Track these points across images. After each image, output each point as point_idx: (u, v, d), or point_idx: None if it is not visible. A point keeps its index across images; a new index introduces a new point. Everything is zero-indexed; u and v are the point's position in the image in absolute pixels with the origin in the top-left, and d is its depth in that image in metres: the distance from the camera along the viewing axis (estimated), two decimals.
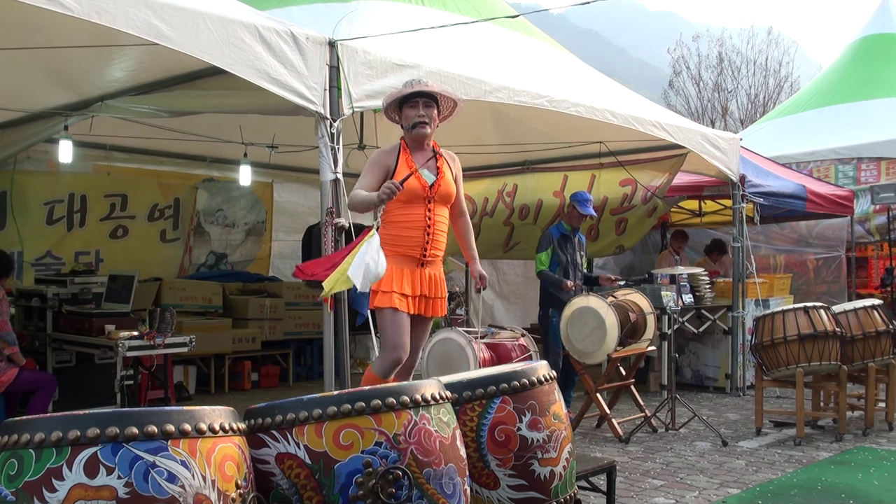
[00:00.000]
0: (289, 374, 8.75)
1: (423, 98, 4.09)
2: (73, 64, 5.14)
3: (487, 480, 2.78)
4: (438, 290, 4.19)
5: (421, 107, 4.07)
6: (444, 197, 4.14)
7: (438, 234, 4.12)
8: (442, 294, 4.21)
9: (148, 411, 2.04)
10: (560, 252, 6.39)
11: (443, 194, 4.12)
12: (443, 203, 4.15)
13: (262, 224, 9.81)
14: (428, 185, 4.06)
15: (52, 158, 7.25)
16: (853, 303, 6.38)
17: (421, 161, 4.10)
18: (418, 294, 4.09)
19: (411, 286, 4.06)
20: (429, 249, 4.08)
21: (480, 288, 4.37)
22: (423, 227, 4.06)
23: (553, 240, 6.42)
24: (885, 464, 5.19)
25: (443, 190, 4.11)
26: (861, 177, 10.59)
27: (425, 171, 4.09)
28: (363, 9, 5.80)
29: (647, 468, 5.04)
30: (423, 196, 4.06)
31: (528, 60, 6.67)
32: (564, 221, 6.53)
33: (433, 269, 4.16)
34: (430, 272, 4.14)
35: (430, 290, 4.14)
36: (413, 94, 4.07)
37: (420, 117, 4.06)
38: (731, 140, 7.95)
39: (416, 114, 4.06)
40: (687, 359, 8.35)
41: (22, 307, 6.72)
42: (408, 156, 4.11)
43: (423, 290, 4.10)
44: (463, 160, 9.40)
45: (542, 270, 6.39)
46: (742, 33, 26.66)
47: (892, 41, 12.05)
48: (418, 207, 4.06)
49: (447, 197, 4.15)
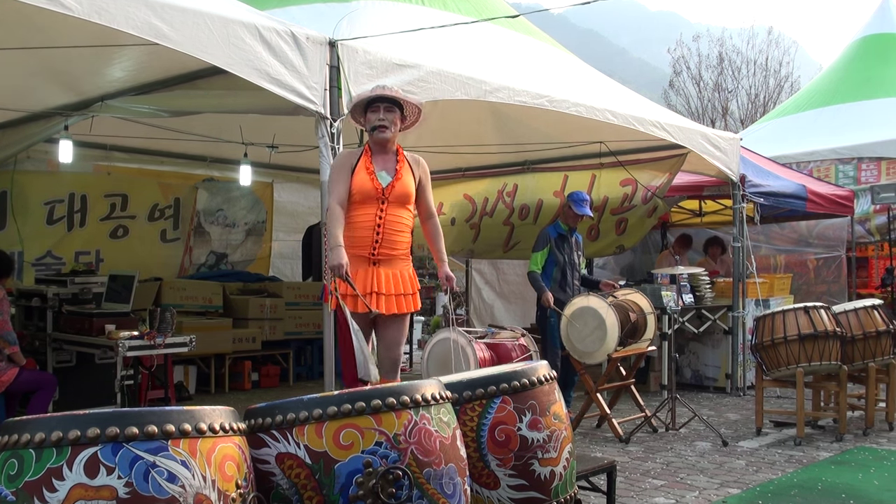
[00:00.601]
0: (289, 374, 8.75)
1: (385, 103, 4.20)
2: (73, 64, 5.14)
3: (487, 480, 2.78)
4: (401, 286, 4.21)
5: (382, 111, 4.19)
6: (399, 198, 4.20)
7: (391, 234, 4.18)
8: (406, 290, 4.23)
9: (148, 411, 2.04)
10: (557, 252, 6.39)
11: (398, 195, 4.19)
12: (399, 204, 4.21)
13: (262, 224, 9.82)
14: (382, 186, 4.15)
15: (53, 158, 7.25)
16: (853, 303, 6.38)
17: (381, 163, 4.21)
18: (370, 292, 4.12)
19: (361, 284, 4.12)
20: (377, 248, 4.15)
21: (447, 289, 4.41)
22: (373, 226, 4.15)
23: (550, 239, 6.41)
24: (885, 464, 5.19)
25: (397, 191, 4.18)
26: (861, 177, 10.59)
27: (382, 173, 4.19)
28: (363, 9, 5.80)
29: (648, 468, 5.04)
30: (376, 197, 4.16)
31: (529, 60, 6.67)
32: (561, 221, 6.52)
33: (390, 268, 4.19)
34: (387, 271, 4.17)
35: (386, 288, 4.15)
36: (375, 99, 4.19)
37: (380, 121, 4.17)
38: (731, 140, 7.95)
39: (377, 118, 4.18)
40: (687, 359, 8.35)
41: (22, 307, 6.72)
42: (368, 158, 4.22)
43: (375, 287, 4.13)
44: (463, 160, 9.45)
45: (532, 272, 6.39)
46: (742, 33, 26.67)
47: (892, 41, 12.05)
48: (371, 207, 4.16)
49: (403, 197, 4.21)
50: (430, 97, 5.32)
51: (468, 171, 9.37)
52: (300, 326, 8.81)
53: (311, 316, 8.72)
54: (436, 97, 5.36)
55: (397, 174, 4.21)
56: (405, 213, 4.26)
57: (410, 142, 8.07)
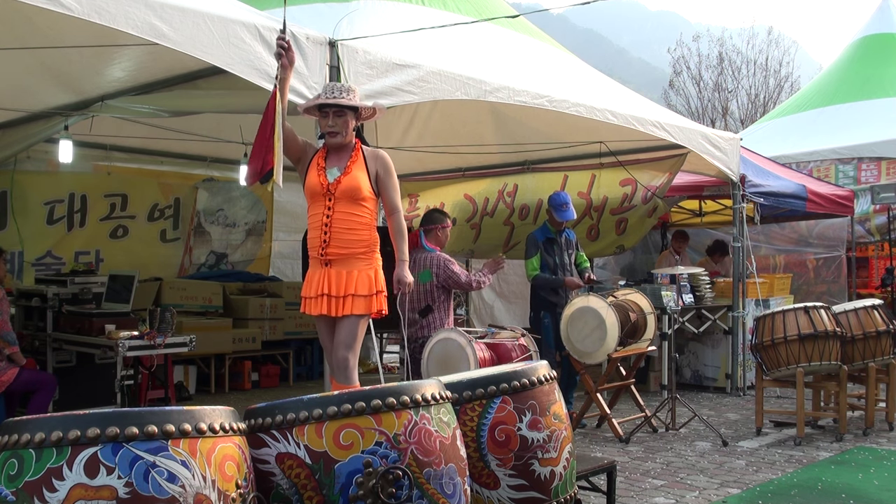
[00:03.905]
0: (289, 374, 8.76)
1: (334, 108, 4.07)
2: (73, 64, 5.14)
3: (487, 480, 2.78)
4: (352, 286, 4.02)
5: (331, 117, 4.05)
6: (346, 193, 4.03)
7: (342, 233, 4.02)
8: (359, 291, 4.02)
9: (148, 411, 2.04)
10: (546, 255, 6.41)
11: (344, 190, 4.02)
12: (348, 200, 4.04)
13: (262, 224, 9.82)
14: (328, 182, 4.05)
15: (53, 158, 7.25)
16: (853, 303, 6.38)
17: (334, 161, 4.12)
18: (320, 294, 4.05)
19: (314, 287, 4.09)
20: (326, 248, 4.02)
21: (396, 293, 4.23)
22: (321, 224, 4.05)
23: (539, 243, 6.43)
24: (885, 464, 5.19)
25: (344, 186, 4.02)
26: (861, 177, 10.59)
27: (333, 170, 4.08)
28: (363, 9, 5.80)
29: (648, 468, 5.04)
30: (322, 193, 4.06)
31: (528, 60, 6.67)
32: (549, 224, 6.53)
33: (343, 268, 4.03)
34: (339, 270, 4.03)
35: (336, 289, 4.03)
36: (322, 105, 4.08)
37: (329, 127, 4.07)
38: (731, 140, 7.95)
39: (327, 124, 4.07)
40: (687, 359, 8.35)
41: (22, 307, 6.72)
42: (322, 156, 4.14)
43: (324, 289, 4.04)
44: (463, 160, 9.43)
45: (535, 275, 6.40)
46: (742, 33, 26.68)
47: (892, 41, 12.05)
48: (318, 206, 4.09)
49: (351, 192, 4.03)
50: (430, 97, 5.33)
51: (468, 170, 9.37)
52: (300, 326, 8.81)
53: (310, 316, 8.69)
54: (436, 97, 5.36)
55: (346, 169, 4.06)
56: (359, 209, 4.06)
57: (411, 141, 8.09)
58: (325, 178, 4.07)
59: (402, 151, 8.22)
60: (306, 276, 4.21)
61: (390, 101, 5.08)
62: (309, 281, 4.15)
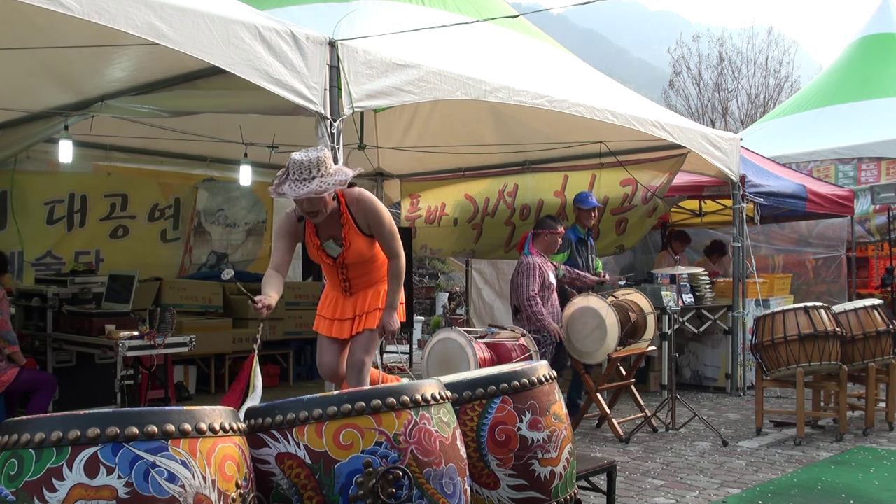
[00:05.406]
0: (289, 374, 8.75)
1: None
2: (73, 64, 5.14)
3: (487, 480, 2.78)
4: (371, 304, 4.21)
5: (305, 203, 3.80)
6: (353, 260, 4.12)
7: (359, 279, 4.21)
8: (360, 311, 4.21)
9: (148, 411, 2.04)
10: (577, 256, 6.47)
11: (351, 259, 4.12)
12: (356, 262, 4.14)
13: (262, 224, 9.81)
14: (333, 257, 4.12)
15: (53, 158, 7.24)
16: (853, 303, 6.38)
17: (325, 231, 4.06)
18: (336, 318, 4.26)
19: (331, 310, 4.29)
20: (349, 291, 4.25)
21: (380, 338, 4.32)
22: (339, 282, 4.25)
23: (571, 242, 6.48)
24: (885, 464, 5.19)
25: (349, 259, 4.11)
26: (861, 177, 10.59)
27: (330, 244, 4.09)
28: (363, 9, 5.80)
29: (648, 468, 5.04)
30: (330, 265, 4.20)
31: (528, 60, 6.67)
32: (578, 224, 6.61)
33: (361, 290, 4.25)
34: (357, 294, 4.26)
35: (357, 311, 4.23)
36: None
37: (307, 211, 3.87)
38: (731, 140, 7.95)
39: (304, 209, 3.86)
40: (687, 359, 8.35)
41: (22, 307, 6.72)
42: (312, 229, 4.08)
43: (346, 314, 4.24)
44: (463, 160, 9.45)
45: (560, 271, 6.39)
46: (742, 33, 26.64)
47: (892, 41, 12.05)
48: (333, 271, 4.23)
49: (356, 258, 4.11)
50: (430, 97, 5.33)
51: (468, 170, 9.38)
52: (300, 326, 8.80)
53: (310, 316, 8.56)
54: (436, 97, 5.36)
55: (344, 241, 4.04)
56: (369, 258, 4.15)
57: (411, 141, 8.10)
58: (327, 256, 4.14)
59: (402, 151, 8.23)
60: (324, 294, 4.39)
61: (390, 100, 5.09)
62: (331, 302, 4.32)
